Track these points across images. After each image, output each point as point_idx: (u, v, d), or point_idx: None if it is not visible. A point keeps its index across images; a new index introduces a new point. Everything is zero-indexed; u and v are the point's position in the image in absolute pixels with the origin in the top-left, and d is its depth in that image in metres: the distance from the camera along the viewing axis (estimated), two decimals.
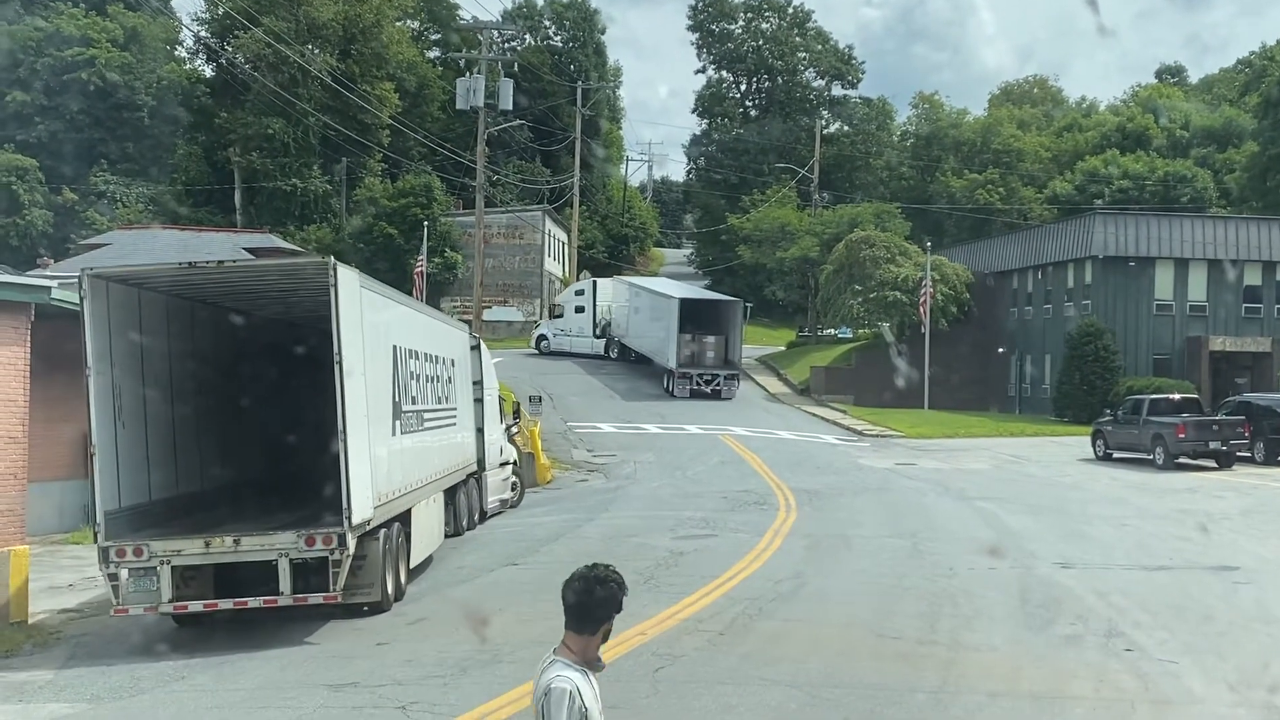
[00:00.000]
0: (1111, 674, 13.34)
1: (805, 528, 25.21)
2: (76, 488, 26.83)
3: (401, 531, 18.47)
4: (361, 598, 16.83)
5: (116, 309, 16.40)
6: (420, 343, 20.92)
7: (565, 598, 5.41)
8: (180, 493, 17.98)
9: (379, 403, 17.45)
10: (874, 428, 50.75)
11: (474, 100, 50.31)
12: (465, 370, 26.18)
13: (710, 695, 12.48)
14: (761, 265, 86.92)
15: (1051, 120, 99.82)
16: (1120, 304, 56.49)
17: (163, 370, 17.90)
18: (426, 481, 20.73)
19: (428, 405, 21.22)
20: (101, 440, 15.62)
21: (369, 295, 17.38)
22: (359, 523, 15.85)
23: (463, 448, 25.18)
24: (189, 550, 15.58)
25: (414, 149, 77.99)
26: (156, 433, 17.45)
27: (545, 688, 5.22)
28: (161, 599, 15.45)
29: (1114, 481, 34.52)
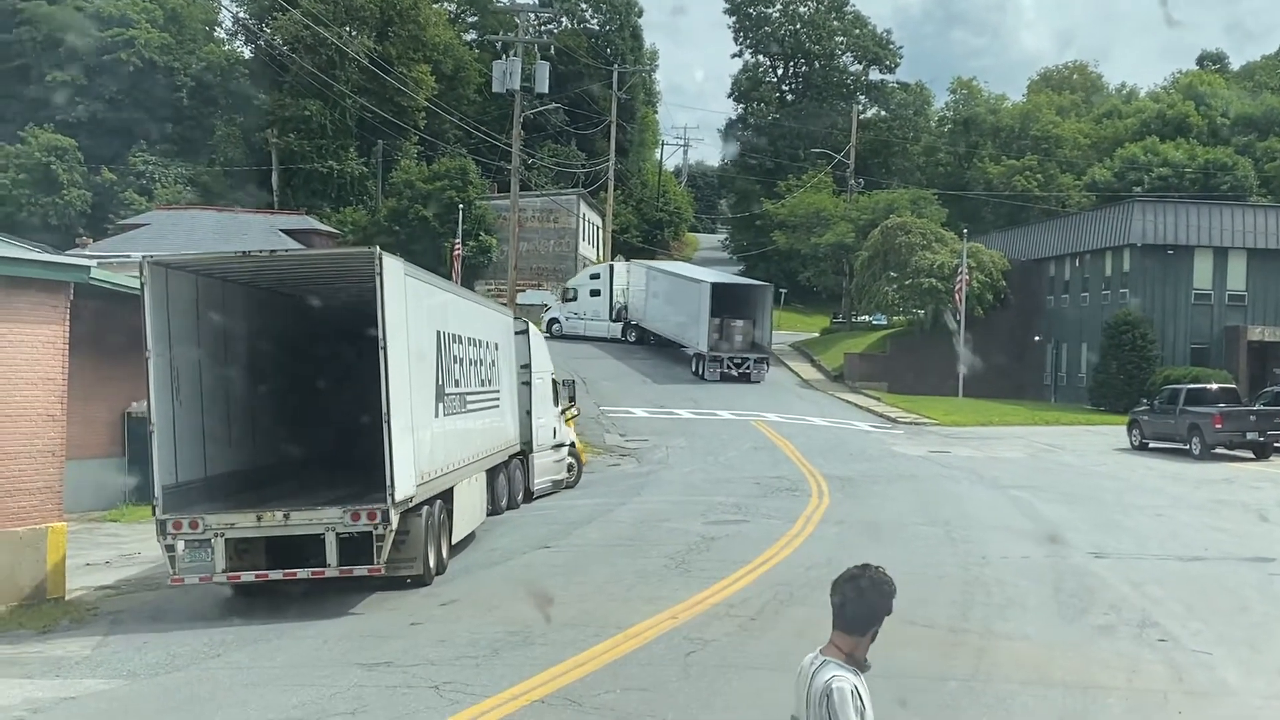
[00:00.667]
0: (1145, 664, 13.28)
1: (837, 514, 25.17)
2: (114, 466, 27.09)
3: (444, 509, 19.05)
4: (404, 571, 17.43)
5: (175, 295, 17.16)
6: (464, 328, 21.55)
7: (836, 599, 5.38)
8: (234, 469, 18.67)
9: (423, 386, 18.15)
10: (908, 415, 50.59)
11: (510, 83, 50.40)
12: (509, 354, 26.91)
13: (741, 680, 12.49)
14: (796, 251, 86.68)
15: (1091, 107, 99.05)
16: (1158, 293, 56.10)
17: (218, 353, 18.57)
18: (469, 461, 21.33)
19: (471, 388, 21.85)
20: (160, 418, 16.33)
21: (414, 283, 18.03)
22: (401, 500, 16.44)
23: (505, 429, 25.76)
24: (241, 524, 16.34)
25: (450, 132, 78.17)
26: (211, 412, 18.17)
27: (825, 688, 5.16)
28: (215, 569, 16.20)
29: (1149, 471, 34.31)
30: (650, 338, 62.91)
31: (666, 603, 16.25)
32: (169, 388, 16.74)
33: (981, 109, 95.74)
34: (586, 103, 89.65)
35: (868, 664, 5.36)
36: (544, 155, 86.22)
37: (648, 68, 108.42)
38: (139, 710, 12.19)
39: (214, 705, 12.12)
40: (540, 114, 76.64)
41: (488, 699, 11.79)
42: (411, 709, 11.56)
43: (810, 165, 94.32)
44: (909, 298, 64.52)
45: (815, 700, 5.18)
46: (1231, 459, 36.97)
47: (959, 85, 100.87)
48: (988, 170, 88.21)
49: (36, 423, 17.70)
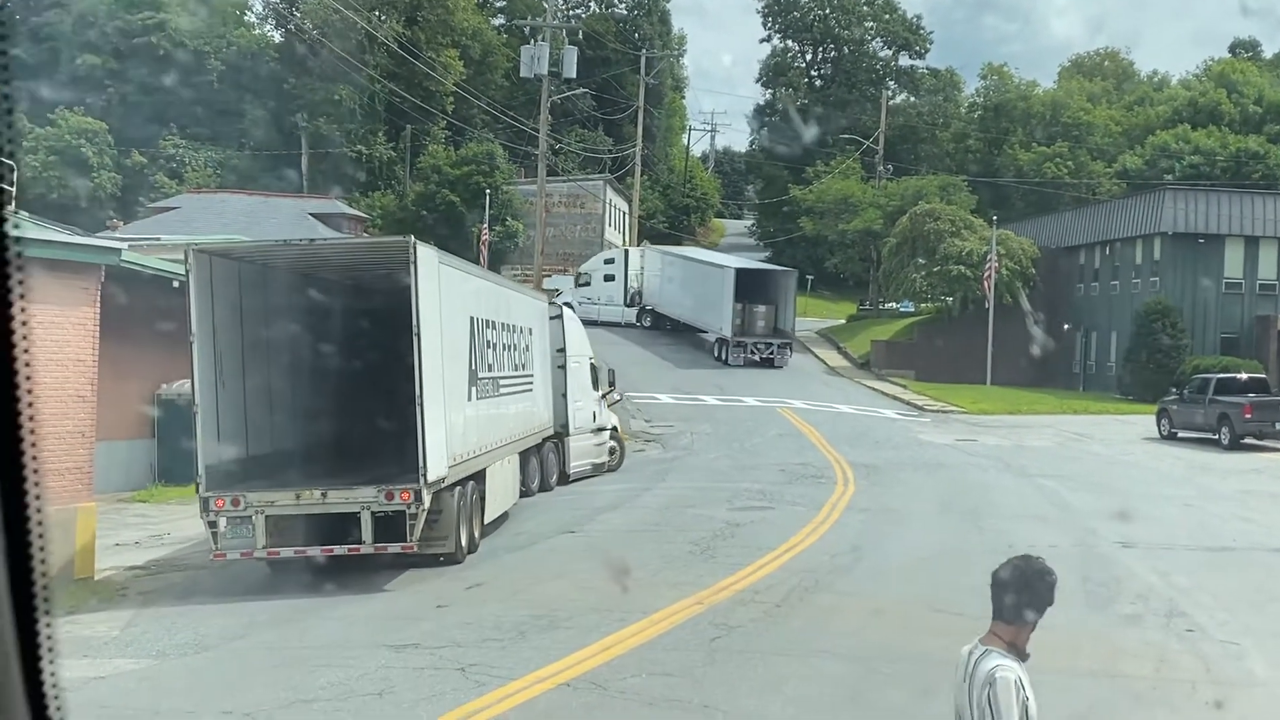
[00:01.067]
0: (1172, 654, 13.23)
1: (863, 502, 25.13)
2: (143, 447, 27.26)
3: (476, 489, 19.62)
4: (437, 549, 17.98)
5: (218, 281, 17.73)
6: (497, 313, 22.15)
7: (997, 588, 5.38)
8: (274, 449, 19.18)
9: (455, 370, 18.75)
10: (935, 403, 50.45)
11: (538, 68, 50.42)
12: (544, 339, 27.41)
13: (766, 666, 12.50)
14: (823, 237, 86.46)
15: (1122, 94, 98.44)
16: (1189, 281, 55.76)
17: (259, 336, 19.05)
18: (502, 444, 21.93)
19: (504, 372, 22.48)
20: (203, 400, 16.97)
21: (447, 270, 18.64)
22: (434, 480, 16.99)
23: (538, 413, 26.23)
24: (281, 501, 16.93)
25: (477, 116, 78.18)
26: (253, 394, 18.77)
27: (989, 677, 5.15)
28: (256, 546, 16.77)
29: (1178, 461, 34.14)
30: (666, 323, 63.06)
31: (691, 588, 16.27)
32: (212, 370, 17.33)
33: (1012, 95, 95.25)
34: (614, 88, 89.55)
35: (1028, 654, 5.36)
36: (571, 140, 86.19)
37: (675, 52, 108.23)
38: (168, 690, 12.28)
39: (243, 686, 12.20)
40: (568, 99, 76.70)
41: (513, 681, 11.84)
42: (438, 690, 11.62)
43: (838, 151, 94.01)
44: (937, 285, 64.31)
45: (978, 688, 5.17)
46: (1261, 449, 36.74)
47: (989, 71, 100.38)
48: (1018, 157, 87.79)
49: (66, 404, 17.82)
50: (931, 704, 11.40)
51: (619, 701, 11.24)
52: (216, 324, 17.51)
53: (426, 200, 72.27)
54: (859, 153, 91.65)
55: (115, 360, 22.36)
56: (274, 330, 19.56)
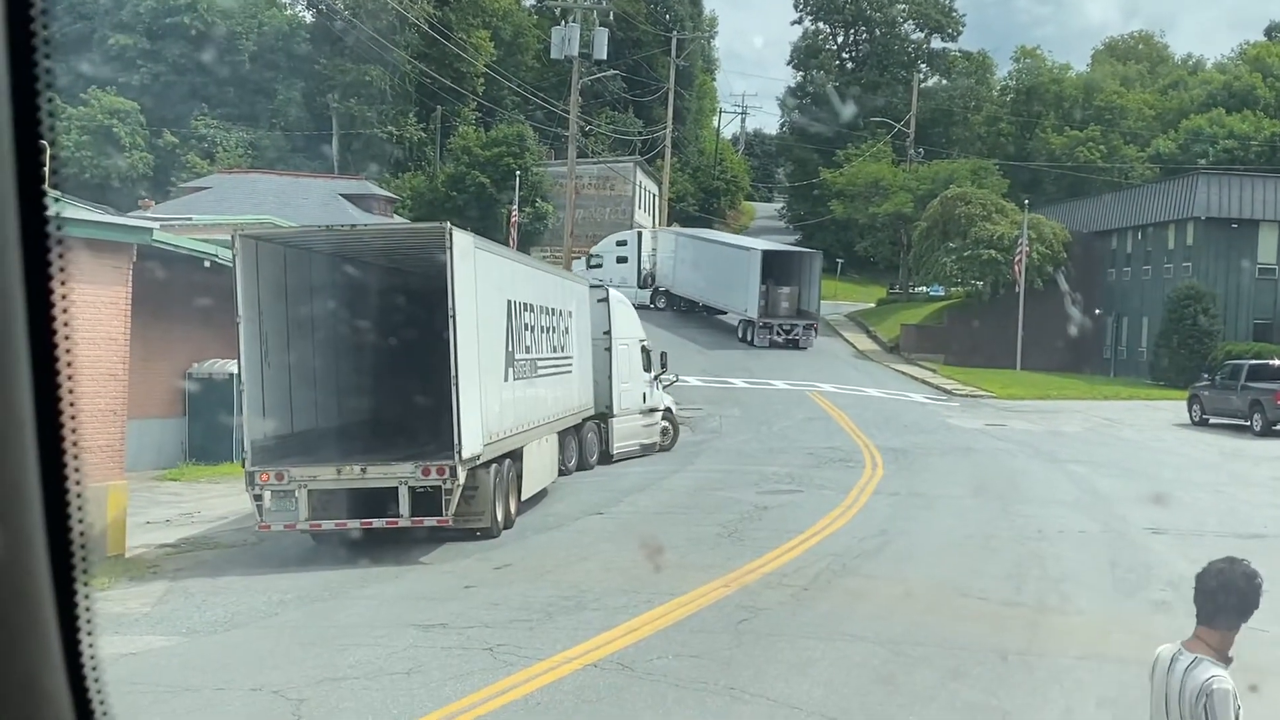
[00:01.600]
0: None
1: (891, 486, 25.09)
2: (174, 425, 27.44)
3: (513, 467, 20.28)
4: (473, 523, 18.62)
5: (264, 264, 18.38)
6: (535, 296, 22.68)
7: (1204, 594, 5.27)
8: (316, 427, 19.92)
9: (492, 351, 19.29)
10: (964, 387, 50.29)
11: (568, 49, 50.35)
12: (584, 321, 27.79)
13: (793, 649, 12.51)
14: (853, 221, 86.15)
15: (1156, 77, 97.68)
16: (1221, 266, 55.36)
17: (301, 317, 19.72)
18: (539, 423, 22.47)
19: (542, 354, 23.01)
20: (249, 379, 17.75)
21: (484, 255, 19.22)
22: (468, 457, 17.56)
23: (577, 394, 26.59)
24: (323, 476, 17.63)
25: (508, 98, 78.17)
26: (297, 372, 19.44)
27: (1205, 688, 5.06)
28: (299, 518, 17.44)
29: (1209, 447, 33.94)
30: (680, 304, 63.19)
31: (718, 571, 16.29)
32: (258, 351, 17.99)
33: (1045, 78, 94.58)
34: (645, 69, 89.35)
35: (1231, 659, 5.27)
36: (601, 122, 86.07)
37: (706, 34, 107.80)
38: (198, 666, 12.37)
39: (272, 663, 12.28)
40: (598, 81, 76.49)
41: (540, 661, 11.88)
42: (466, 670, 11.67)
43: (869, 134, 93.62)
44: (968, 269, 64.05)
45: (1190, 699, 5.06)
46: None
47: (1022, 54, 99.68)
48: (1050, 141, 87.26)
49: (98, 382, 17.94)
50: (960, 686, 11.41)
51: (646, 683, 11.26)
52: (262, 306, 18.10)
53: (457, 181, 72.31)
54: (890, 136, 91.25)
55: (147, 339, 22.51)
56: (315, 311, 20.20)
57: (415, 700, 10.78)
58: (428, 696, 10.88)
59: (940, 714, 10.63)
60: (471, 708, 10.58)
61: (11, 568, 1.23)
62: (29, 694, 1.32)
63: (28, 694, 1.31)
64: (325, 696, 10.95)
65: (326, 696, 10.95)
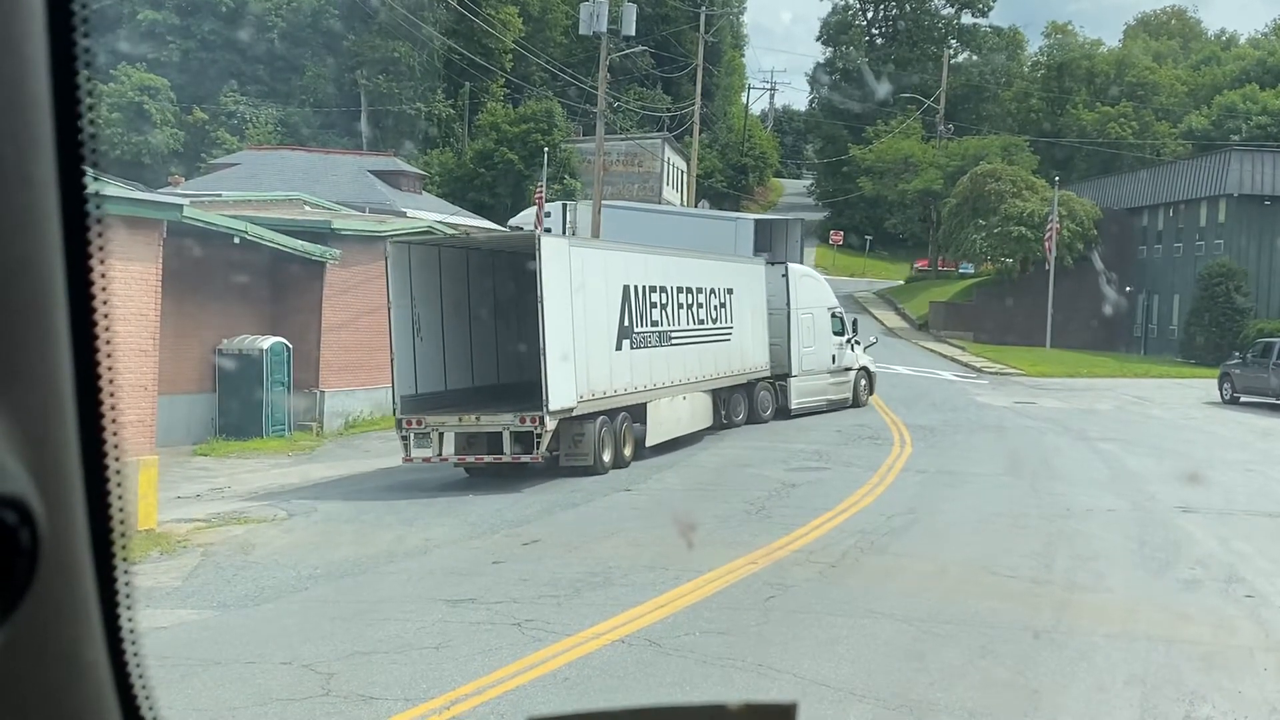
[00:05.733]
0: (1230, 619, 13.13)
1: (919, 464, 25.05)
2: (204, 401, 27.60)
3: (627, 419, 24.48)
4: (578, 462, 23.17)
5: (410, 263, 23.42)
6: (668, 280, 27.18)
7: None
8: (448, 388, 24.55)
9: (596, 327, 23.70)
10: (993, 365, 50.14)
11: (597, 25, 50.19)
12: (756, 295, 32.26)
13: (820, 626, 12.52)
14: (882, 198, 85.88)
15: (1189, 53, 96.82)
16: (1254, 244, 54.96)
17: (433, 302, 24.27)
18: (670, 384, 26.74)
19: (676, 326, 27.34)
20: (400, 351, 22.87)
21: (589, 253, 24.73)
22: (555, 409, 21.88)
23: (742, 358, 31.05)
24: (449, 423, 22.77)
25: (536, 74, 78.07)
26: (432, 344, 24.13)
27: None
28: (435, 454, 22.56)
29: (1240, 426, 33.75)
30: None
31: (746, 548, 16.31)
32: (409, 329, 23.08)
33: (1076, 54, 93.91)
34: (673, 45, 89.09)
35: None
36: (629, 99, 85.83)
37: (735, 10, 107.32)
38: (229, 640, 12.48)
39: (301, 637, 12.38)
40: (626, 57, 76.25)
41: (569, 637, 11.93)
42: (495, 645, 11.73)
43: (899, 110, 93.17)
44: (998, 246, 63.76)
45: None
46: None
47: (1053, 30, 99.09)
48: (1081, 117, 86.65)
49: (129, 357, 18.06)
50: (988, 664, 11.41)
51: (674, 659, 11.30)
52: (415, 291, 23.33)
53: (485, 158, 72.33)
54: (920, 112, 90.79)
55: (178, 315, 22.66)
56: (448, 296, 24.82)
57: (444, 674, 10.85)
58: (456, 671, 10.95)
59: (968, 691, 10.63)
60: (500, 682, 10.64)
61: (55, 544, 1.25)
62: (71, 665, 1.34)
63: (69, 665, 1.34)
64: (355, 670, 11.03)
65: (356, 670, 11.03)
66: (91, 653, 1.36)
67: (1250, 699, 10.59)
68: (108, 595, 1.41)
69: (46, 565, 1.25)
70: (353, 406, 31.03)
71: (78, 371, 1.34)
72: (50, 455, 1.30)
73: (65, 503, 1.33)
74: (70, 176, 1.33)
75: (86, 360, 1.35)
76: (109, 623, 1.41)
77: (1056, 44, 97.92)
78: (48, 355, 1.28)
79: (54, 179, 1.30)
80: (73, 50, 1.32)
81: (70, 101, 1.32)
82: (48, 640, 1.28)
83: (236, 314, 28.13)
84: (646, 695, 10.37)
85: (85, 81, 1.32)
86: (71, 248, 1.32)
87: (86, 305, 1.34)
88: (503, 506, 20.18)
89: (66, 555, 1.32)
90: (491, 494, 21.44)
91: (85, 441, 1.37)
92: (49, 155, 1.29)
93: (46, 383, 1.29)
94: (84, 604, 1.35)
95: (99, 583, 1.39)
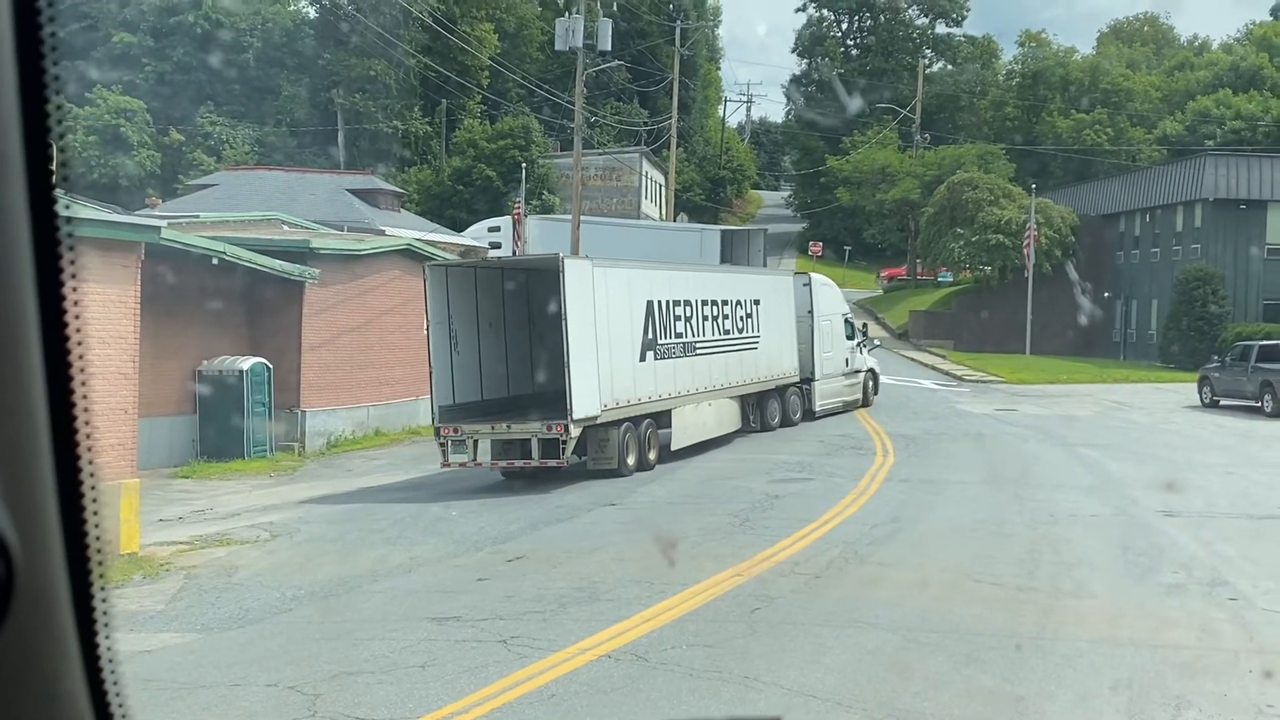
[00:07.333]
0: (1214, 623, 13.17)
1: (902, 473, 25.09)
2: (185, 423, 27.49)
3: (652, 426, 26.18)
4: (604, 465, 24.85)
5: (447, 284, 25.21)
6: (692, 294, 28.69)
7: None
8: (484, 398, 26.21)
9: (619, 340, 25.19)
10: (974, 373, 50.28)
11: (573, 41, 50.19)
12: (784, 306, 33.83)
13: (806, 637, 12.52)
14: (860, 208, 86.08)
15: (1162, 59, 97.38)
16: (1230, 248, 55.25)
17: (470, 318, 25.91)
18: (695, 391, 28.32)
19: (700, 337, 28.77)
20: (438, 364, 24.56)
21: (613, 272, 25.54)
22: (580, 418, 23.43)
23: (770, 365, 32.55)
24: (483, 430, 24.24)
25: (513, 90, 78.07)
26: (469, 357, 25.77)
27: None
28: (470, 459, 24.23)
29: (1220, 429, 33.90)
30: None
31: (731, 560, 16.30)
32: (446, 344, 24.81)
33: (1050, 62, 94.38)
34: (649, 60, 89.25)
35: None
36: (607, 113, 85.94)
37: (710, 23, 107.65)
38: (213, 663, 12.42)
39: (286, 658, 12.32)
40: (603, 72, 76.41)
41: (555, 653, 11.91)
42: (481, 662, 11.70)
43: (875, 121, 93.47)
44: (976, 254, 63.98)
45: None
46: None
47: (1027, 38, 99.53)
48: (1056, 125, 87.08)
49: (109, 381, 17.99)
50: (974, 672, 11.42)
51: (661, 673, 11.29)
52: (452, 310, 25.03)
53: (463, 175, 72.30)
54: (896, 122, 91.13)
55: (156, 337, 22.57)
56: (482, 313, 26.44)
57: (430, 693, 10.82)
58: (443, 689, 10.92)
59: (954, 700, 10.63)
60: (486, 700, 10.61)
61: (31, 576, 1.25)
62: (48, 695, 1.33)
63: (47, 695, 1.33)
64: (340, 691, 10.98)
65: (342, 691, 10.99)
66: (70, 684, 1.35)
67: (1235, 702, 10.62)
68: (85, 623, 1.40)
69: (22, 598, 1.24)
70: (334, 426, 30.94)
71: (51, 399, 1.33)
72: (25, 485, 1.29)
73: (41, 533, 1.32)
74: (41, 202, 1.32)
75: (61, 388, 1.34)
76: (87, 651, 1.40)
77: (1030, 52, 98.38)
78: (21, 381, 1.28)
79: (24, 203, 1.29)
80: (43, 77, 1.31)
81: (40, 128, 1.31)
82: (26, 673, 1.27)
83: (216, 335, 28.04)
84: (633, 710, 10.36)
85: (56, 109, 1.32)
86: (43, 275, 1.31)
87: (60, 333, 1.33)
88: (486, 524, 20.16)
89: (43, 586, 1.31)
90: (476, 514, 21.38)
91: (60, 471, 1.36)
92: (19, 180, 1.29)
93: (20, 413, 1.28)
94: (61, 635, 1.34)
95: (76, 611, 1.38)
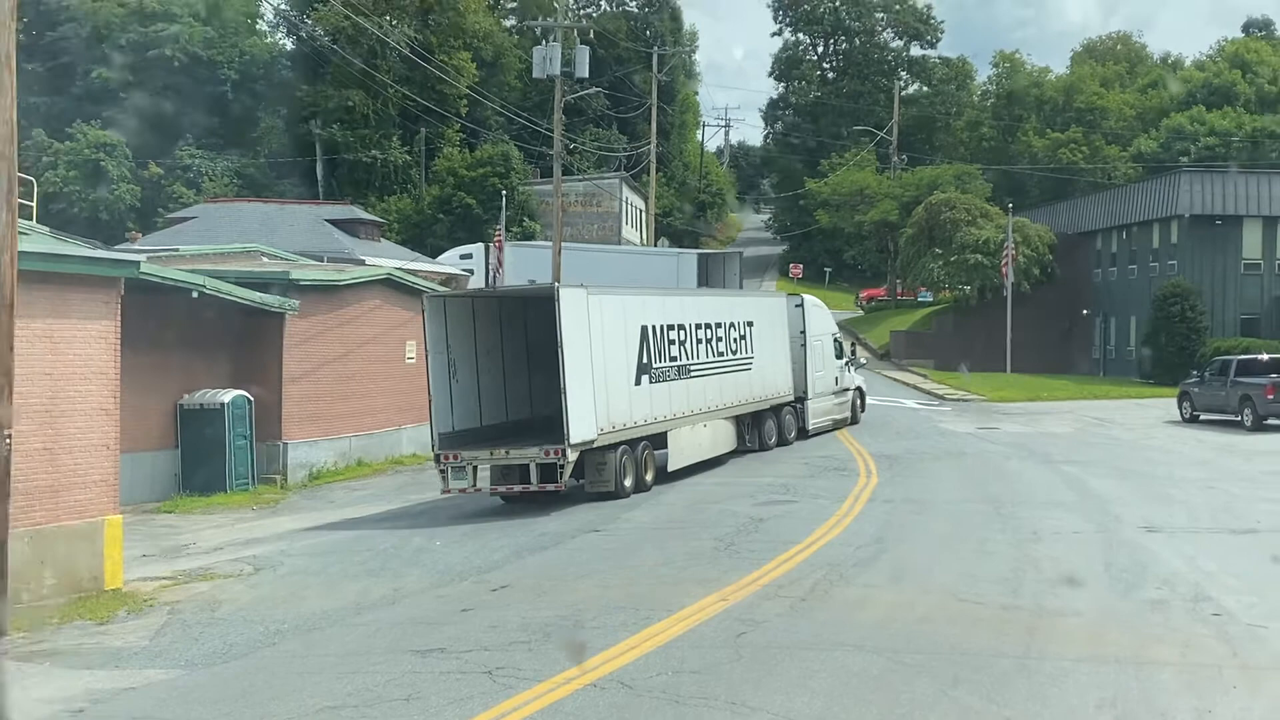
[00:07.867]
0: (1198, 638, 13.21)
1: (885, 493, 25.13)
2: (166, 457, 27.38)
3: (648, 448, 26.63)
4: (602, 488, 25.18)
5: (445, 315, 25.61)
6: (686, 318, 29.00)
7: None
8: (483, 424, 26.57)
9: (615, 365, 25.52)
10: (955, 391, 50.40)
11: (550, 69, 50.25)
12: (778, 327, 34.44)
13: (792, 661, 12.53)
14: (840, 230, 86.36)
15: (1135, 77, 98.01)
16: (1207, 264, 55.57)
17: (466, 347, 26.21)
18: (690, 413, 28.71)
19: (696, 360, 29.16)
20: (437, 392, 24.87)
21: (607, 299, 25.72)
22: (577, 442, 23.87)
23: (765, 385, 32.94)
24: (482, 456, 24.87)
25: (491, 118, 78.13)
26: (468, 384, 26.12)
27: None
28: (470, 485, 24.73)
29: (1200, 444, 34.03)
30: None
31: (716, 585, 16.30)
32: (445, 372, 25.15)
33: (1025, 82, 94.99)
34: (627, 86, 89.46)
35: None
36: (585, 139, 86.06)
37: (687, 49, 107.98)
38: (198, 699, 12.37)
39: (270, 693, 12.28)
40: (581, 98, 76.46)
41: (541, 683, 11.89)
42: (466, 694, 11.67)
43: (853, 143, 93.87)
44: (954, 274, 64.23)
45: None
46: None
47: (1001, 59, 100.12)
48: (1032, 144, 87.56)
49: (91, 417, 17.93)
50: (960, 693, 11.43)
51: (647, 700, 11.28)
52: (450, 340, 25.43)
53: (443, 203, 72.32)
54: (873, 144, 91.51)
55: (136, 372, 22.48)
56: (479, 342, 26.79)
57: None
58: None
59: None
60: None
61: None
62: None
63: None
64: None
65: None
66: None
67: (1221, 717, 10.66)
68: None
69: None
70: (316, 457, 30.85)
71: None
72: None
73: None
74: None
75: None
76: None
77: (1005, 73, 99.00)
78: None
79: None
80: None
81: None
82: None
83: (197, 368, 27.96)
84: None
85: None
86: None
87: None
88: (470, 553, 20.12)
89: None
90: (459, 544, 21.38)
91: None
92: None
93: None
94: None
95: None
